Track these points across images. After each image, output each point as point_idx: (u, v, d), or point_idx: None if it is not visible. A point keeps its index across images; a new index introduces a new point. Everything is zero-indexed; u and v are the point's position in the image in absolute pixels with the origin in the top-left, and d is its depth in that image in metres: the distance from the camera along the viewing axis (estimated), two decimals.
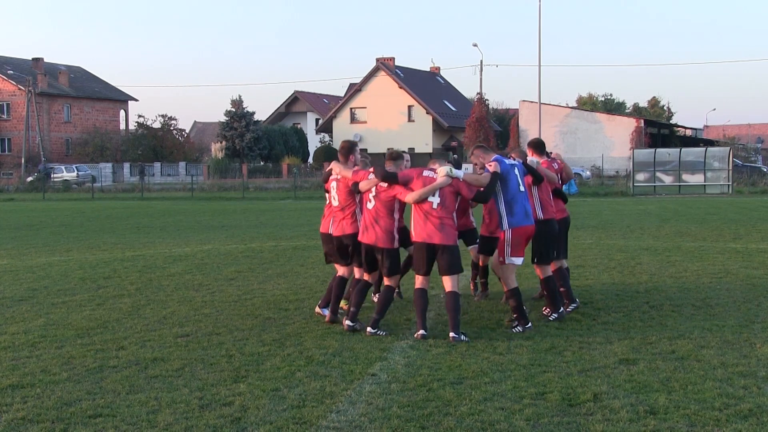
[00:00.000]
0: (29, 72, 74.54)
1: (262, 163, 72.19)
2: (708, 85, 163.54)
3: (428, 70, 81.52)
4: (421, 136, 68.96)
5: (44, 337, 8.71)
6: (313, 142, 79.47)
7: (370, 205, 8.76)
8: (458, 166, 8.89)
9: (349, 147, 9.35)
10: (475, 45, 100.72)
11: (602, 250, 16.17)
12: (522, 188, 8.85)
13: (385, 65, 72.16)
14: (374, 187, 8.72)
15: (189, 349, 8.11)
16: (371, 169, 8.92)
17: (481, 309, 10.07)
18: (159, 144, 75.39)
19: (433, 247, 8.44)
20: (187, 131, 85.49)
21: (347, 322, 8.86)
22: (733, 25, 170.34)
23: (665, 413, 5.96)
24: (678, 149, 47.02)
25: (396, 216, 8.75)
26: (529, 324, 8.79)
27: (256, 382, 6.90)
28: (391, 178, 8.64)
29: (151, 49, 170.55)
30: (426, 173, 8.57)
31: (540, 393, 6.47)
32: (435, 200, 8.42)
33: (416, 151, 60.82)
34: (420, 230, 8.49)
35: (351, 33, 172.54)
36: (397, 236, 8.72)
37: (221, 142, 73.13)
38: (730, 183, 42.57)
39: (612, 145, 62.96)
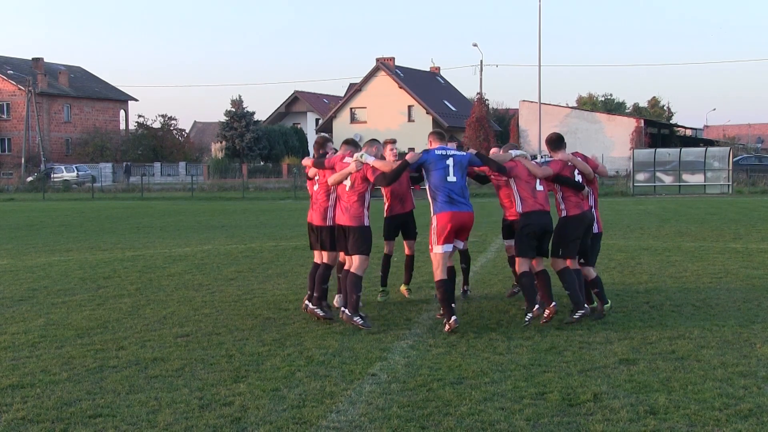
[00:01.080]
0: (29, 72, 74.55)
1: (262, 163, 72.19)
2: (708, 85, 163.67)
3: (428, 70, 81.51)
4: (421, 136, 68.64)
5: (44, 337, 8.71)
6: (313, 142, 79.47)
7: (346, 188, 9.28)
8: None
9: (322, 142, 10.17)
10: (475, 45, 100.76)
11: (602, 250, 16.13)
12: (452, 178, 8.99)
13: (385, 65, 72.17)
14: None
15: (189, 349, 8.11)
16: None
17: (482, 309, 10.07)
18: (159, 144, 75.42)
19: (342, 228, 9.14)
20: (187, 131, 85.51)
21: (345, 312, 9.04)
22: (734, 25, 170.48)
23: (665, 413, 5.96)
24: (678, 149, 47.03)
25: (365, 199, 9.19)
26: (455, 317, 8.67)
27: (256, 382, 6.90)
28: (319, 164, 9.51)
29: (151, 49, 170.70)
30: (346, 159, 9.19)
31: (540, 393, 6.47)
32: (348, 183, 9.09)
33: (416, 151, 60.73)
34: (335, 212, 9.31)
35: (351, 33, 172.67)
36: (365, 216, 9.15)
37: (221, 142, 73.14)
38: (730, 183, 42.57)
39: (612, 145, 62.98)
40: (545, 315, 8.88)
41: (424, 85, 74.97)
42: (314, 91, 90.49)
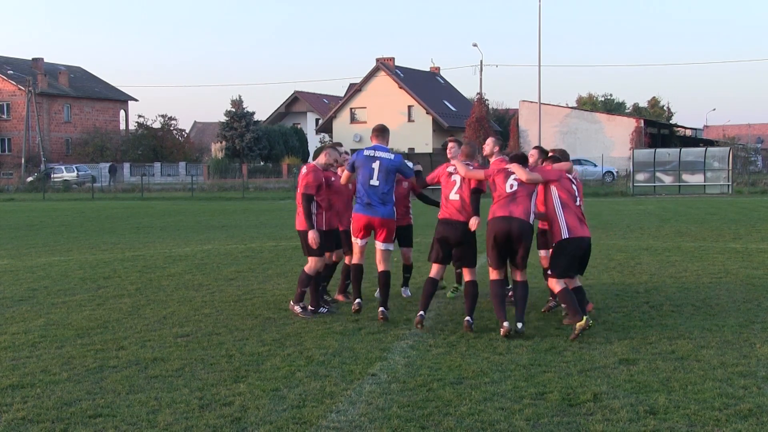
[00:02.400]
0: (29, 72, 74.56)
1: (262, 163, 72.17)
2: (708, 85, 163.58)
3: (428, 70, 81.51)
4: (421, 136, 68.95)
5: (44, 337, 8.71)
6: (313, 142, 79.47)
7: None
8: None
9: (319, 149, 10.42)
10: (475, 45, 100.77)
11: (602, 250, 16.16)
12: (374, 182, 9.24)
13: (385, 65, 72.16)
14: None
15: (189, 349, 8.11)
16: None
17: (481, 309, 10.06)
18: (159, 144, 75.42)
19: (343, 232, 10.18)
20: (187, 131, 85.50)
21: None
22: (734, 25, 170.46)
23: (665, 413, 5.96)
24: (678, 149, 47.03)
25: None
26: (359, 300, 9.58)
27: (256, 382, 6.90)
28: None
29: (151, 49, 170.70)
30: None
31: (540, 393, 6.47)
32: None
33: (416, 151, 60.77)
34: (327, 217, 10.09)
35: (351, 33, 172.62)
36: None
37: (221, 142, 73.13)
38: (730, 183, 42.58)
39: (612, 145, 62.96)
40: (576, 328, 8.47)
41: (424, 85, 74.97)
42: (314, 91, 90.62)
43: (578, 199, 8.94)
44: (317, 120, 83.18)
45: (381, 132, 9.62)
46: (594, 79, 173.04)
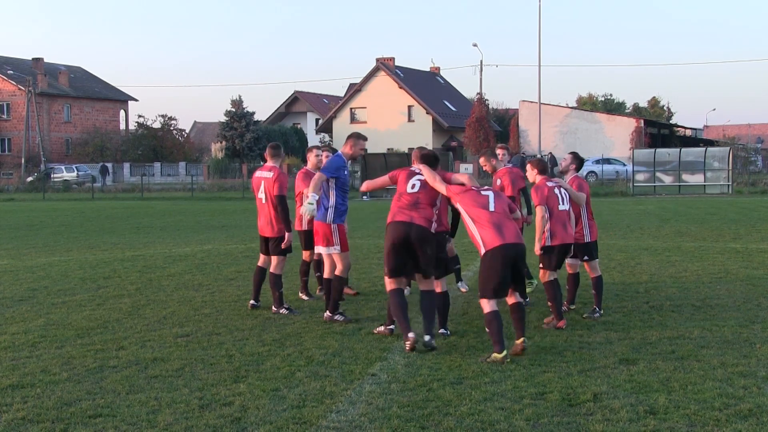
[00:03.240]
0: (29, 72, 74.55)
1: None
2: (708, 85, 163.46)
3: (428, 70, 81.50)
4: (421, 136, 68.88)
5: (44, 337, 8.71)
6: (313, 142, 79.38)
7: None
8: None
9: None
10: (475, 45, 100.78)
11: (602, 250, 16.14)
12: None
13: (385, 65, 72.15)
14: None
15: (189, 349, 8.11)
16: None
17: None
18: (159, 144, 75.39)
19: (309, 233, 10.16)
20: (187, 131, 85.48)
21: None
22: (733, 25, 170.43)
23: (665, 413, 5.96)
24: (678, 149, 47.00)
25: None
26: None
27: (256, 382, 6.90)
28: None
29: (151, 49, 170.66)
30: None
31: (540, 393, 6.47)
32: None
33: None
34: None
35: (351, 33, 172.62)
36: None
37: (221, 142, 73.10)
38: (730, 183, 42.57)
39: (612, 145, 62.94)
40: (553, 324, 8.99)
41: (424, 85, 74.95)
42: (314, 91, 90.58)
43: (563, 203, 9.22)
44: (317, 120, 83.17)
45: (357, 137, 9.47)
46: (594, 79, 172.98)
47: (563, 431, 5.67)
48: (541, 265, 9.35)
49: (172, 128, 77.98)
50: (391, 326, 8.62)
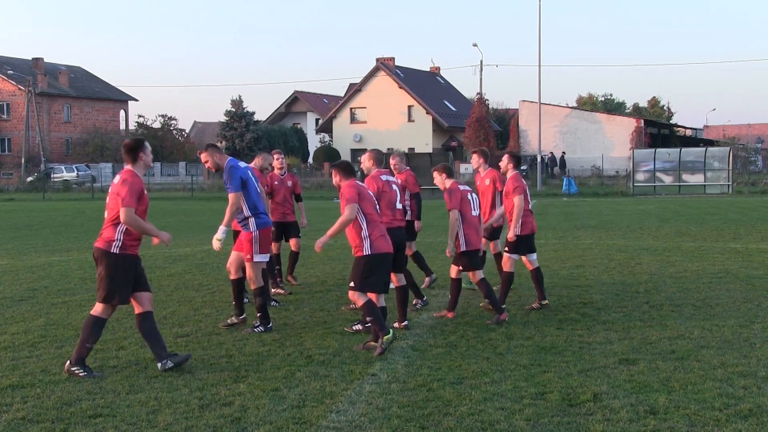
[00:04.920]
0: (29, 72, 74.53)
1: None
2: (708, 85, 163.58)
3: (428, 70, 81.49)
4: (421, 136, 68.94)
5: (44, 337, 8.71)
6: (313, 142, 79.47)
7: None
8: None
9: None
10: (475, 45, 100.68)
11: (602, 250, 16.18)
12: (260, 191, 9.33)
13: (385, 65, 72.14)
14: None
15: (189, 349, 8.11)
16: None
17: (481, 309, 10.07)
18: (159, 144, 75.33)
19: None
20: (187, 131, 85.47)
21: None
22: (733, 25, 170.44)
23: (665, 413, 5.96)
24: (678, 149, 47.00)
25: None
26: (270, 324, 8.96)
27: (256, 382, 6.90)
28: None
29: (151, 49, 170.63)
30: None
31: (540, 393, 6.47)
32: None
33: (416, 151, 60.80)
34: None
35: (351, 33, 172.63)
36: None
37: (221, 142, 73.08)
38: (730, 183, 42.56)
39: (612, 145, 62.94)
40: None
41: (424, 85, 74.94)
42: (314, 91, 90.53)
43: (475, 208, 9.48)
44: (317, 120, 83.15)
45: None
46: (594, 79, 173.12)
47: (563, 431, 5.68)
48: (461, 267, 9.51)
49: (172, 128, 77.98)
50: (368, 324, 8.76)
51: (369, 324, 8.53)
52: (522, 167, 57.13)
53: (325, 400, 6.38)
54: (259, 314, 8.94)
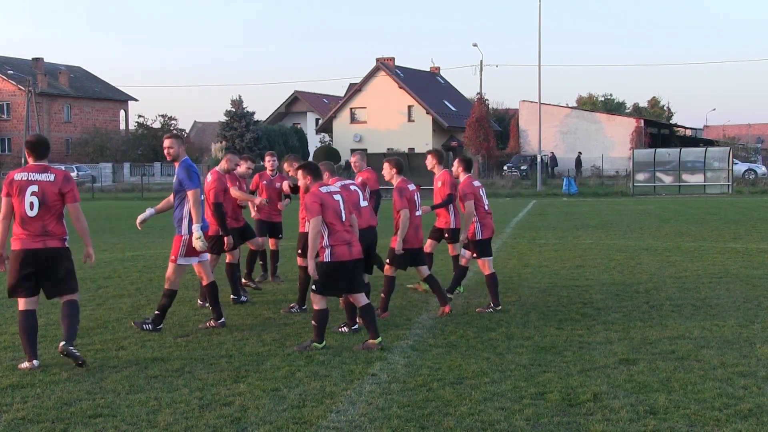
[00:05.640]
0: (29, 72, 74.53)
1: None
2: (708, 85, 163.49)
3: (428, 70, 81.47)
4: (421, 136, 68.90)
5: (44, 337, 8.71)
6: (313, 142, 79.45)
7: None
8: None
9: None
10: (475, 45, 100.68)
11: (602, 250, 16.18)
12: (203, 197, 9.31)
13: (385, 65, 72.11)
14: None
15: (189, 349, 8.11)
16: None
17: (478, 313, 10.06)
18: (159, 144, 75.29)
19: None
20: (187, 131, 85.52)
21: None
22: (733, 25, 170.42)
23: (665, 413, 5.96)
24: (678, 149, 46.98)
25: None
26: (161, 326, 9.00)
27: (256, 382, 6.90)
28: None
29: (152, 49, 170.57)
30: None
31: (540, 393, 6.47)
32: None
33: (416, 151, 60.79)
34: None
35: (351, 33, 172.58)
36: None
37: (221, 142, 73.02)
38: (730, 183, 42.56)
39: (612, 145, 62.90)
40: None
41: (424, 85, 74.91)
42: (314, 91, 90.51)
43: (418, 209, 9.72)
44: (317, 120, 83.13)
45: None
46: (594, 79, 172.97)
47: (563, 431, 5.68)
48: (388, 261, 9.71)
49: (172, 128, 77.93)
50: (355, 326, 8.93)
51: (355, 326, 8.78)
52: (522, 167, 57.70)
53: (325, 400, 6.38)
54: (156, 312, 9.04)
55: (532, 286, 11.83)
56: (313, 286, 8.14)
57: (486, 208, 10.27)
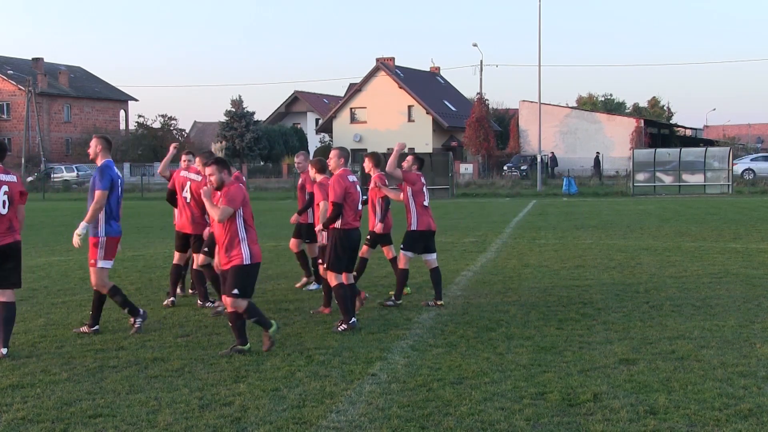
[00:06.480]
0: (29, 72, 74.53)
1: (262, 163, 72.03)
2: (708, 85, 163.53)
3: (428, 70, 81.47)
4: (421, 136, 68.88)
5: (44, 337, 8.71)
6: (313, 142, 79.46)
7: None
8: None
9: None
10: (475, 45, 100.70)
11: (602, 250, 16.18)
12: (121, 201, 9.15)
13: (385, 65, 72.12)
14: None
15: (189, 349, 8.11)
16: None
17: (481, 309, 10.07)
18: (159, 144, 75.35)
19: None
20: (187, 131, 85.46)
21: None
22: (733, 25, 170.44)
23: (665, 413, 5.96)
24: (678, 149, 46.96)
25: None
26: (96, 327, 8.95)
27: (256, 382, 6.90)
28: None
29: (151, 49, 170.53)
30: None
31: (540, 393, 6.47)
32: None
33: (416, 150, 60.79)
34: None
35: (351, 33, 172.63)
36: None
37: (221, 142, 73.09)
38: (730, 183, 42.55)
39: (612, 145, 62.90)
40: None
41: (424, 85, 74.92)
42: (314, 91, 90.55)
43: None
44: (317, 120, 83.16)
45: (110, 145, 9.41)
46: (594, 79, 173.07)
47: (563, 431, 5.67)
48: (320, 260, 9.97)
49: (172, 128, 77.88)
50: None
51: (353, 321, 8.89)
52: (522, 167, 57.56)
53: (325, 400, 6.38)
54: (125, 309, 9.06)
55: (532, 286, 11.83)
56: (235, 291, 7.87)
57: (425, 203, 10.38)
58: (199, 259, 10.29)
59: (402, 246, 10.30)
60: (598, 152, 57.33)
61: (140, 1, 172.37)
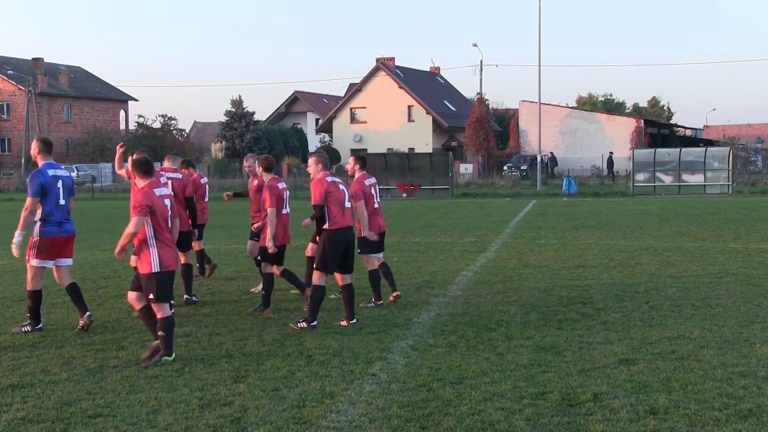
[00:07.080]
0: (29, 72, 74.52)
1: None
2: (708, 85, 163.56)
3: (428, 70, 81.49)
4: (421, 136, 68.94)
5: (44, 337, 8.71)
6: (313, 142, 79.46)
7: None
8: None
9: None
10: (475, 45, 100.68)
11: (602, 250, 16.18)
12: (62, 202, 9.15)
13: (385, 65, 72.14)
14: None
15: (189, 349, 8.11)
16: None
17: (481, 309, 10.07)
18: (159, 144, 75.28)
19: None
20: (187, 131, 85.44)
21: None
22: (733, 25, 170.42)
23: (665, 413, 5.96)
24: (678, 149, 46.96)
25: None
26: (40, 326, 9.05)
27: (256, 382, 6.90)
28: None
29: (152, 49, 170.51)
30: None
31: (540, 393, 6.47)
32: None
33: (416, 151, 60.78)
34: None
35: (351, 33, 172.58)
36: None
37: (221, 142, 73.11)
38: (730, 183, 42.55)
39: (612, 145, 62.87)
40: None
41: (424, 85, 74.94)
42: (314, 91, 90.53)
43: (286, 206, 10.14)
44: (317, 120, 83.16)
45: (50, 147, 9.73)
46: (594, 79, 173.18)
47: (563, 431, 5.68)
48: (261, 258, 10.19)
49: (172, 128, 77.84)
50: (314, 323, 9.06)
51: (304, 325, 8.94)
52: (522, 167, 57.67)
53: (325, 400, 6.38)
54: (28, 315, 9.08)
55: (532, 286, 11.83)
56: (151, 296, 7.77)
57: (375, 205, 10.38)
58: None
59: (359, 250, 10.14)
60: (611, 152, 57.19)
61: (140, 1, 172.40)
